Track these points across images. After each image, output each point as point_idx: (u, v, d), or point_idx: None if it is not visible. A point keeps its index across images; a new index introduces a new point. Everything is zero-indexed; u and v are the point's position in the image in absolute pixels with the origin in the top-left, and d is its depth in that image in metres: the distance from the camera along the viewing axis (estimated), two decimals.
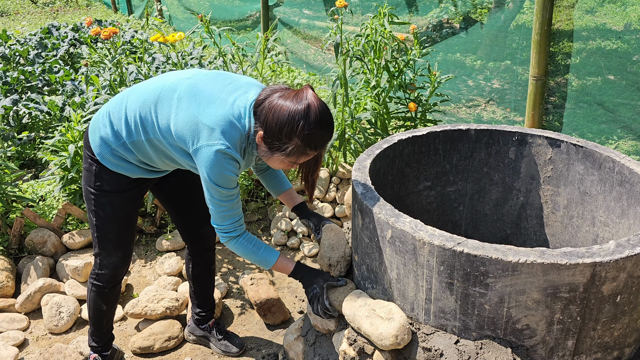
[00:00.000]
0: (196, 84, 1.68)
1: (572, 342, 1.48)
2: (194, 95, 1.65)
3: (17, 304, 2.56)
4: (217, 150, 1.58)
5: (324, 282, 1.82)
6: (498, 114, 3.55)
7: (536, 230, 2.29)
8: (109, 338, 2.17)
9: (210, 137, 1.59)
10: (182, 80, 1.71)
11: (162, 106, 1.68)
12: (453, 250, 1.44)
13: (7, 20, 10.59)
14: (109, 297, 2.06)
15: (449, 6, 3.82)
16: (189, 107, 1.63)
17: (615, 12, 2.90)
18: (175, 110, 1.65)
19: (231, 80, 1.72)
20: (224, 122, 1.60)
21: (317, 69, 5.39)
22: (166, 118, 1.66)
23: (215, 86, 1.68)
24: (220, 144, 1.58)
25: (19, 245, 2.88)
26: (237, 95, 1.65)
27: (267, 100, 1.59)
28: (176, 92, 1.67)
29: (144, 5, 8.79)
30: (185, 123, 1.62)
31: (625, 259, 1.38)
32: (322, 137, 1.59)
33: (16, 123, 3.85)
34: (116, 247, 1.94)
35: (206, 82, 1.69)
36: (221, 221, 1.71)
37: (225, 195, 1.67)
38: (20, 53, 5.17)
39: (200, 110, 1.62)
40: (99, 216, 1.87)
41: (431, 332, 1.59)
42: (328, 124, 1.58)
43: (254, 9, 6.33)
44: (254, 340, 2.40)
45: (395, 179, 2.23)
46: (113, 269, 1.98)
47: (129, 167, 1.80)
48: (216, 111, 1.61)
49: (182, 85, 1.68)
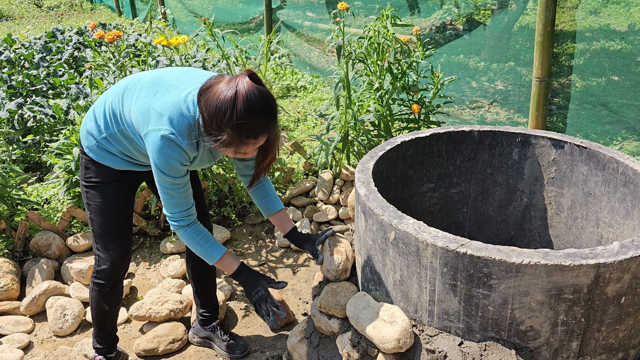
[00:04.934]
0: (161, 75, 1.73)
1: (577, 343, 1.47)
2: (155, 84, 1.69)
3: (22, 307, 2.57)
4: (162, 135, 1.60)
5: (267, 284, 1.82)
6: (501, 115, 3.54)
7: (540, 231, 2.28)
8: (112, 340, 2.18)
9: (158, 122, 1.61)
10: (150, 72, 1.77)
11: (127, 96, 1.73)
12: (456, 252, 1.44)
13: (12, 24, 10.65)
14: (111, 296, 2.05)
15: (451, 8, 3.82)
16: (146, 96, 1.67)
17: (619, 12, 2.90)
18: (135, 99, 1.70)
19: (201, 74, 1.73)
20: (172, 109, 1.61)
21: (321, 71, 5.39)
22: (128, 107, 1.72)
23: (180, 77, 1.71)
24: (165, 129, 1.60)
25: (24, 248, 2.89)
26: (196, 86, 1.65)
27: (207, 89, 1.56)
28: (140, 82, 1.73)
29: (148, 9, 8.83)
30: (140, 110, 1.66)
31: (629, 260, 1.37)
32: (256, 125, 1.53)
33: (21, 126, 3.87)
34: (112, 240, 1.94)
35: (172, 74, 1.73)
36: (170, 209, 1.74)
37: (171, 184, 1.68)
38: (25, 57, 5.20)
39: (155, 98, 1.65)
40: (92, 209, 1.91)
41: (435, 334, 1.59)
42: (261, 111, 1.51)
43: (257, 12, 6.35)
44: (257, 342, 2.40)
45: (399, 180, 2.23)
46: (111, 263, 1.97)
47: (113, 159, 1.84)
48: (168, 98, 1.64)
49: (148, 76, 1.74)
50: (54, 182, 3.07)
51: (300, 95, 5.14)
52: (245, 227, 3.26)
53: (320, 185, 3.21)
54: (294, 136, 4.23)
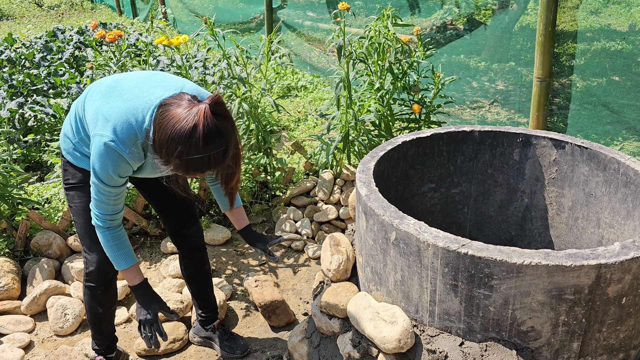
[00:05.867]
0: (120, 79, 1.71)
1: (578, 344, 1.47)
2: (112, 88, 1.67)
3: (23, 306, 2.57)
4: (104, 142, 1.58)
5: (158, 309, 1.83)
6: (502, 115, 3.54)
7: (541, 231, 2.28)
8: (111, 340, 2.17)
9: (102, 128, 1.59)
10: (113, 76, 1.76)
11: (88, 101, 1.74)
12: (457, 252, 1.44)
13: (12, 23, 10.65)
14: (103, 299, 2.02)
15: (452, 8, 3.82)
16: (99, 99, 1.66)
17: (619, 12, 2.90)
18: (91, 103, 1.69)
19: (161, 80, 1.69)
20: (120, 117, 1.58)
21: (321, 71, 5.39)
22: (86, 110, 1.72)
23: (140, 82, 1.67)
24: (107, 136, 1.57)
25: (25, 248, 2.89)
26: (154, 93, 1.60)
27: (164, 107, 1.49)
28: (100, 85, 1.72)
29: (149, 8, 8.83)
30: (92, 113, 1.66)
31: (630, 260, 1.37)
32: (207, 162, 1.46)
33: (22, 126, 3.88)
34: (94, 240, 1.90)
35: (132, 78, 1.70)
36: (94, 207, 1.73)
37: (104, 190, 1.67)
38: (26, 56, 5.20)
39: (107, 102, 1.63)
40: (73, 210, 1.92)
41: (436, 334, 1.59)
42: (214, 149, 1.44)
43: (258, 12, 6.35)
44: (258, 342, 2.41)
45: (400, 180, 2.23)
46: (97, 265, 1.94)
47: (88, 162, 1.83)
48: (119, 104, 1.60)
49: (108, 80, 1.73)
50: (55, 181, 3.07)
51: (300, 95, 5.14)
52: None
53: (321, 185, 3.21)
54: (294, 136, 4.23)
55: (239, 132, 1.52)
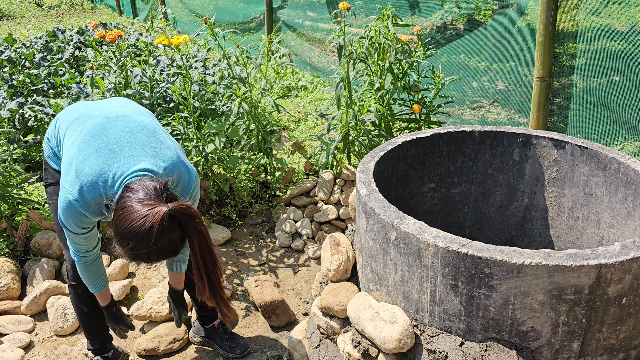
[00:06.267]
0: (102, 128, 1.69)
1: (578, 344, 1.47)
2: (91, 137, 1.66)
3: (23, 306, 2.57)
4: (69, 199, 1.61)
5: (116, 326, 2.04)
6: (502, 115, 3.54)
7: (541, 232, 2.28)
8: (104, 339, 2.16)
9: (71, 184, 1.61)
10: (98, 117, 1.73)
11: (69, 131, 1.75)
12: (457, 252, 1.44)
13: (12, 23, 10.65)
14: (86, 298, 2.02)
15: (452, 8, 3.82)
16: (77, 146, 1.66)
17: (620, 12, 2.90)
18: (71, 142, 1.70)
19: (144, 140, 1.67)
20: (89, 179, 1.59)
21: (321, 71, 5.39)
22: (66, 143, 1.75)
23: (121, 137, 1.65)
24: (73, 195, 1.60)
25: (25, 248, 2.89)
26: (130, 156, 1.60)
27: (128, 196, 1.48)
28: (84, 123, 1.72)
29: (149, 8, 8.83)
30: (66, 158, 1.68)
31: (630, 260, 1.37)
32: (155, 257, 1.48)
33: (22, 126, 3.88)
34: None
35: (115, 130, 1.68)
36: (69, 244, 1.78)
37: (69, 235, 1.73)
38: (26, 56, 5.20)
39: (81, 154, 1.63)
40: (52, 208, 1.97)
41: (436, 334, 1.59)
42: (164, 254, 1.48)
43: (258, 12, 6.35)
44: (258, 342, 2.41)
45: (400, 180, 2.23)
46: (71, 262, 1.96)
47: None
48: (93, 164, 1.60)
49: (92, 122, 1.71)
50: None
51: (301, 95, 5.14)
52: (245, 227, 3.26)
53: (321, 185, 3.21)
54: (294, 136, 4.23)
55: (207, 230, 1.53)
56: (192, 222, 1.46)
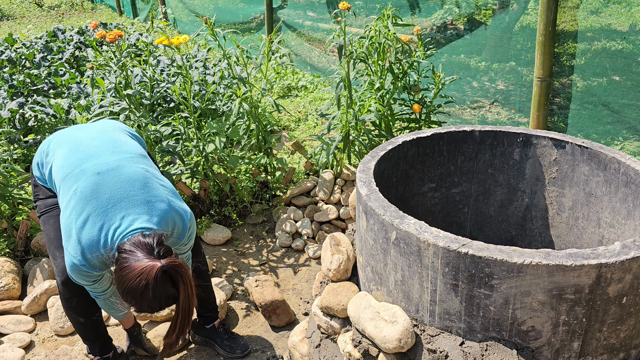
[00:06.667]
0: (98, 186, 1.75)
1: (578, 343, 1.47)
2: (86, 201, 1.73)
3: (23, 306, 2.57)
4: (74, 263, 1.72)
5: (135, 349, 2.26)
6: (502, 115, 3.54)
7: (541, 231, 2.28)
8: (103, 342, 2.14)
9: (74, 250, 1.71)
10: (90, 173, 1.77)
11: (63, 187, 1.81)
12: (458, 252, 1.44)
13: (13, 23, 10.65)
14: (80, 309, 2.00)
15: (452, 8, 3.82)
16: (73, 212, 1.73)
17: (620, 12, 2.90)
18: (66, 204, 1.77)
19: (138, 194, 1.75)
20: (88, 244, 1.70)
21: (321, 71, 5.39)
22: (61, 199, 1.81)
23: (115, 195, 1.73)
24: (77, 259, 1.71)
25: (25, 248, 2.89)
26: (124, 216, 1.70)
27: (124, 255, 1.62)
28: (77, 183, 1.77)
29: (149, 8, 8.83)
30: (65, 224, 1.75)
31: (631, 260, 1.37)
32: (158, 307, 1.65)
33: (22, 126, 3.88)
34: (57, 247, 1.94)
35: (107, 189, 1.74)
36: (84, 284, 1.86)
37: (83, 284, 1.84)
38: (26, 56, 5.20)
39: (79, 222, 1.71)
40: (42, 221, 2.02)
41: (436, 334, 1.59)
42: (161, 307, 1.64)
43: (258, 12, 6.35)
44: (258, 342, 2.41)
45: (400, 180, 2.23)
46: (62, 273, 1.92)
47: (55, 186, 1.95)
48: (89, 230, 1.70)
49: (86, 182, 1.76)
50: None
51: (301, 95, 5.15)
52: (246, 227, 3.26)
53: (321, 185, 3.21)
54: (294, 136, 4.23)
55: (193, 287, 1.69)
56: (182, 278, 1.62)
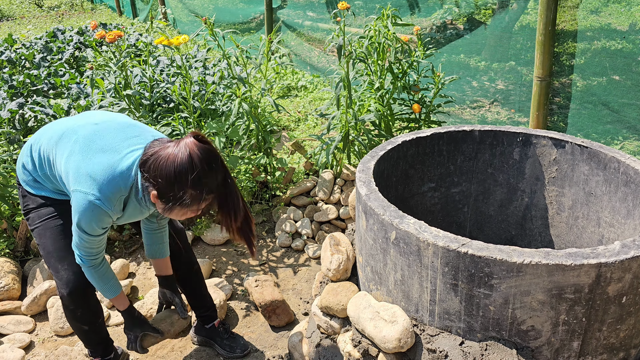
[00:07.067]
0: (97, 132, 1.73)
1: (578, 343, 1.47)
2: (89, 141, 1.70)
3: (23, 307, 2.57)
4: (90, 201, 1.63)
5: (140, 332, 2.00)
6: (502, 115, 3.54)
7: (541, 231, 2.28)
8: (105, 345, 2.12)
9: (87, 185, 1.63)
10: (87, 125, 1.76)
11: (60, 146, 1.75)
12: (457, 252, 1.44)
13: (12, 24, 10.66)
14: (85, 318, 1.96)
15: (452, 7, 3.82)
16: (79, 154, 1.68)
17: (620, 12, 2.89)
18: (67, 155, 1.70)
19: (139, 132, 1.75)
20: (105, 173, 1.63)
21: (321, 71, 5.40)
22: (60, 159, 1.73)
23: (117, 135, 1.72)
24: (93, 195, 1.62)
25: (25, 248, 2.89)
26: (134, 148, 1.68)
27: (152, 158, 1.59)
28: (76, 134, 1.73)
29: (149, 9, 8.83)
30: (72, 168, 1.67)
31: (630, 259, 1.37)
32: (214, 180, 1.58)
33: (22, 126, 3.88)
34: (59, 259, 1.88)
35: (109, 131, 1.73)
36: (77, 249, 1.78)
37: (85, 238, 1.73)
38: (26, 57, 5.20)
39: (88, 158, 1.66)
40: (36, 233, 1.91)
41: (436, 334, 1.59)
42: (216, 166, 1.58)
43: (258, 12, 6.35)
44: (258, 342, 2.41)
45: (400, 180, 2.23)
46: (67, 285, 1.88)
47: (50, 192, 1.89)
48: (102, 160, 1.65)
49: (84, 130, 1.74)
50: None
51: (300, 95, 5.15)
52: None
53: (321, 185, 3.21)
54: (294, 136, 4.23)
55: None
56: (212, 144, 1.58)
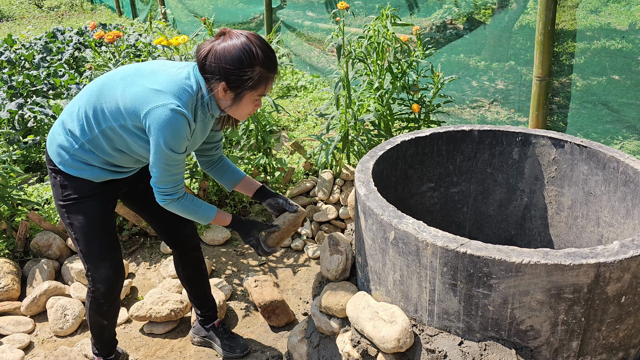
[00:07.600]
0: (138, 65, 1.75)
1: (577, 343, 1.47)
2: (138, 71, 1.71)
3: (23, 307, 2.57)
4: (171, 109, 1.59)
5: (258, 233, 1.94)
6: (502, 114, 3.54)
7: (540, 231, 2.28)
8: (112, 344, 2.15)
9: (162, 98, 1.61)
10: (124, 66, 1.78)
11: (107, 92, 1.69)
12: (456, 252, 1.44)
13: (12, 24, 10.66)
14: (108, 313, 2.01)
15: (452, 7, 3.82)
16: (136, 81, 1.66)
17: (619, 11, 2.89)
18: (122, 89, 1.67)
19: (174, 64, 1.78)
20: (172, 85, 1.64)
21: (321, 71, 5.39)
22: (113, 99, 1.67)
23: (156, 65, 1.74)
24: (171, 103, 1.60)
25: (25, 249, 2.89)
26: (178, 67, 1.72)
27: (209, 55, 1.62)
28: (119, 74, 1.72)
29: (148, 9, 8.83)
30: (134, 94, 1.64)
31: (629, 259, 1.37)
32: (273, 57, 1.66)
33: (21, 127, 3.88)
34: (101, 257, 1.87)
35: (148, 64, 1.76)
36: (163, 184, 1.72)
37: (173, 160, 1.67)
38: (26, 57, 5.20)
39: (148, 79, 1.66)
40: (76, 228, 1.83)
41: (435, 334, 1.59)
42: (269, 45, 1.67)
43: (258, 12, 6.35)
44: (258, 342, 2.40)
45: (399, 180, 2.23)
46: (106, 282, 1.89)
47: (92, 171, 1.78)
48: (162, 78, 1.66)
49: (124, 68, 1.75)
50: None
51: (300, 95, 5.14)
52: None
53: (321, 185, 3.21)
54: (294, 136, 4.23)
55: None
56: None
